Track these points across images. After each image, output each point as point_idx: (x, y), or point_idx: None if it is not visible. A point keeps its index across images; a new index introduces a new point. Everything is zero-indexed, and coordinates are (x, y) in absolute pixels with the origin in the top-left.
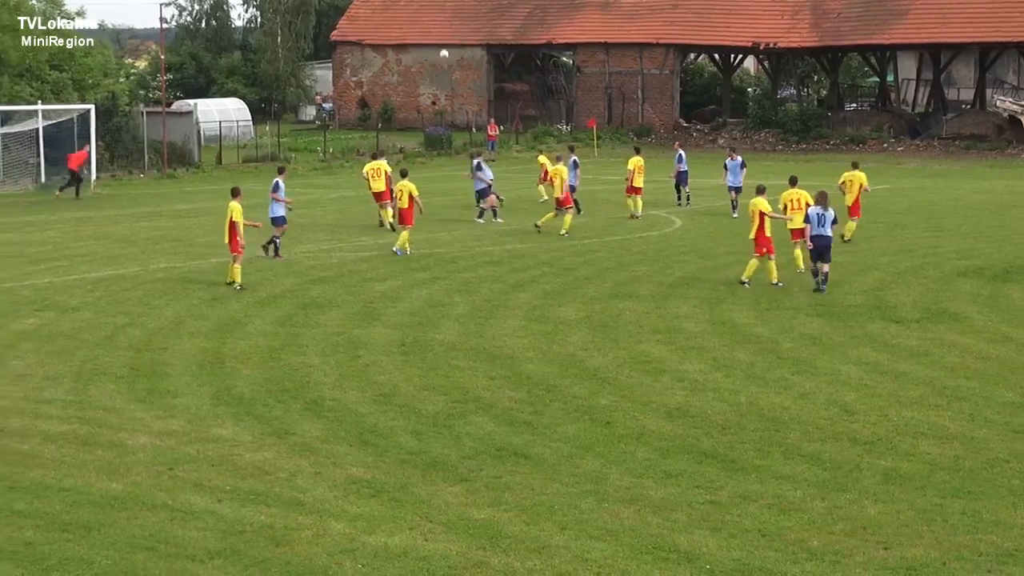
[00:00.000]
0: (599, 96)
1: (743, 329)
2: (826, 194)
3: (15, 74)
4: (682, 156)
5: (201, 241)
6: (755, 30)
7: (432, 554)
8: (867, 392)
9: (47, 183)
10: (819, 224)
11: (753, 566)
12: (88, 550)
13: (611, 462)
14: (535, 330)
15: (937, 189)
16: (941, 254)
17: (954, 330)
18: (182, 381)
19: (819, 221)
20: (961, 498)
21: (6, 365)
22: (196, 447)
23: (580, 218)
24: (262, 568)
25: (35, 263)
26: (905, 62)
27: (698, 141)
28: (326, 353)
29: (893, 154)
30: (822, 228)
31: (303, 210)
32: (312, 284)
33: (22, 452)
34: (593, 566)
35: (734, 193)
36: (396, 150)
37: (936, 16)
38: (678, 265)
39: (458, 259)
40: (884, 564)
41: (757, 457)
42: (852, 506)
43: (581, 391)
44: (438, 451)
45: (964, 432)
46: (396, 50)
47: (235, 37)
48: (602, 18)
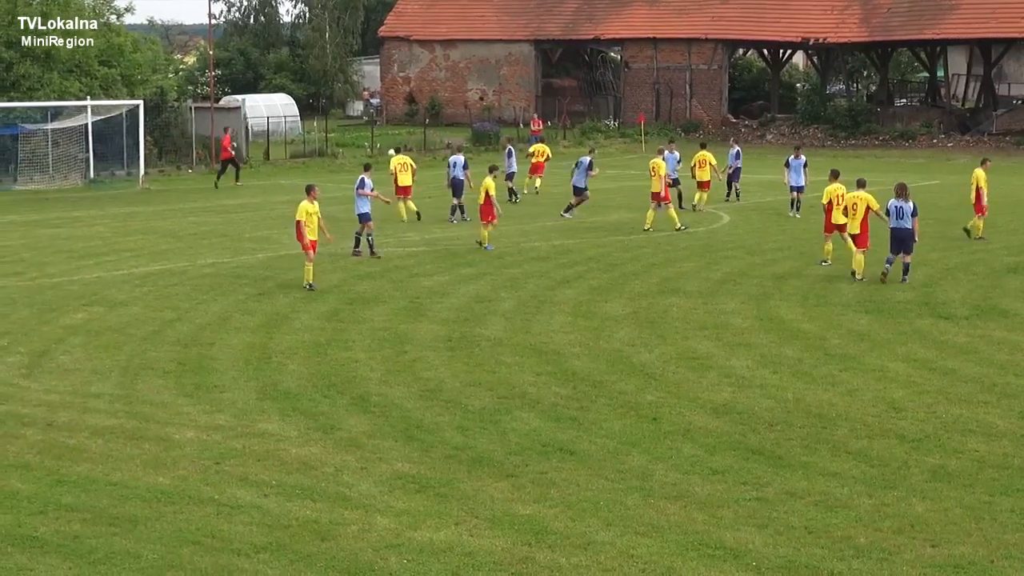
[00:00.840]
0: (647, 92)
1: (790, 325)
2: (905, 185)
3: (65, 70)
4: (739, 152)
5: (248, 236)
6: (804, 25)
7: (477, 550)
8: (915, 389)
9: (96, 178)
10: (898, 216)
11: (800, 563)
12: (135, 544)
13: (657, 458)
14: (581, 326)
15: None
16: (991, 250)
17: (1003, 327)
18: (229, 376)
19: (898, 213)
20: (1010, 496)
21: (55, 359)
22: (242, 442)
23: (627, 214)
24: (307, 562)
25: (84, 258)
26: (955, 57)
27: (746, 137)
28: (372, 348)
29: (943, 150)
30: (901, 220)
31: (350, 205)
32: (359, 279)
33: (70, 446)
34: (639, 562)
35: (796, 193)
36: (444, 145)
37: (986, 10)
38: (725, 261)
39: (504, 255)
40: (932, 562)
41: (804, 454)
42: (899, 503)
43: (627, 387)
44: (484, 447)
45: (1013, 429)
46: (444, 46)
47: (283, 33)
48: (650, 13)
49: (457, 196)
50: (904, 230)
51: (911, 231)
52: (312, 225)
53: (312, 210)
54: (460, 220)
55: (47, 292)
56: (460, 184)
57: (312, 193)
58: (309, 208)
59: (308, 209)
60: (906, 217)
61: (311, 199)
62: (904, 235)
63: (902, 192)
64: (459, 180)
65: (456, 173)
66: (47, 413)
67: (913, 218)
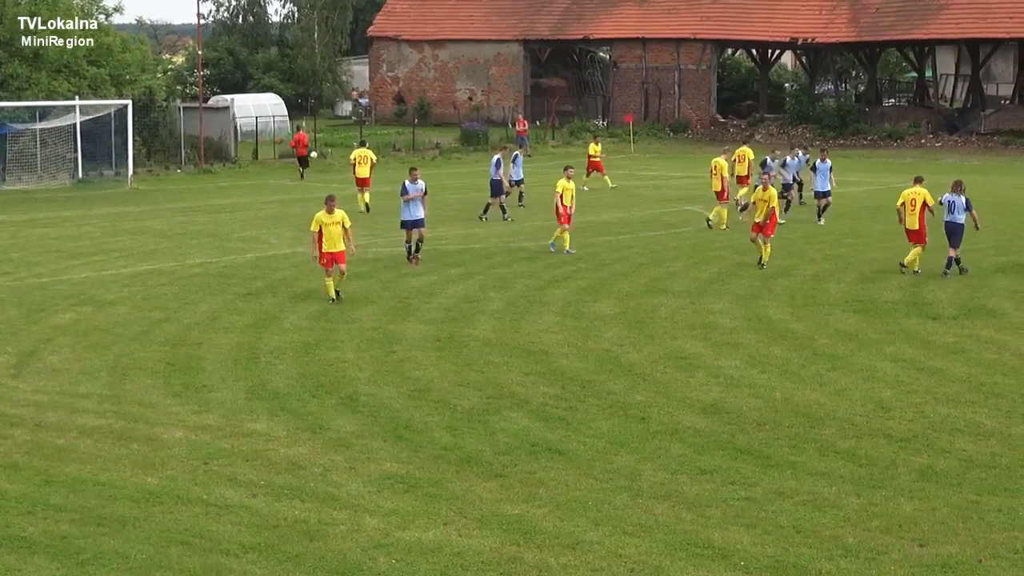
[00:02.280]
0: (635, 91)
1: (779, 325)
2: (961, 182)
3: (53, 70)
4: (802, 161)
5: (237, 236)
6: (793, 25)
7: (466, 549)
8: (903, 389)
9: (84, 178)
10: (950, 211)
11: (787, 563)
12: (123, 544)
13: (645, 458)
14: (570, 326)
15: (975, 185)
16: (979, 250)
17: (991, 326)
18: (217, 376)
19: (951, 208)
20: (997, 495)
21: (43, 359)
22: (231, 442)
23: (617, 213)
24: (296, 563)
25: (72, 258)
26: (943, 57)
27: (734, 137)
28: (361, 348)
29: (931, 150)
30: (953, 215)
31: (346, 207)
32: (347, 280)
33: (58, 446)
34: (627, 562)
35: (822, 199)
36: (432, 145)
37: (975, 11)
38: (714, 261)
39: (493, 255)
40: (919, 561)
41: (792, 454)
42: (887, 503)
43: (616, 387)
44: (472, 447)
45: (1001, 429)
46: (432, 45)
47: (272, 32)
48: (639, 13)
49: (498, 195)
50: (955, 224)
51: (962, 226)
52: (331, 236)
53: (330, 220)
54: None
55: (35, 292)
56: (498, 184)
57: (331, 203)
58: (325, 219)
59: (324, 220)
60: (957, 212)
61: (329, 210)
62: (955, 229)
63: (957, 187)
64: (497, 180)
65: (508, 172)
66: (35, 413)
67: (968, 212)
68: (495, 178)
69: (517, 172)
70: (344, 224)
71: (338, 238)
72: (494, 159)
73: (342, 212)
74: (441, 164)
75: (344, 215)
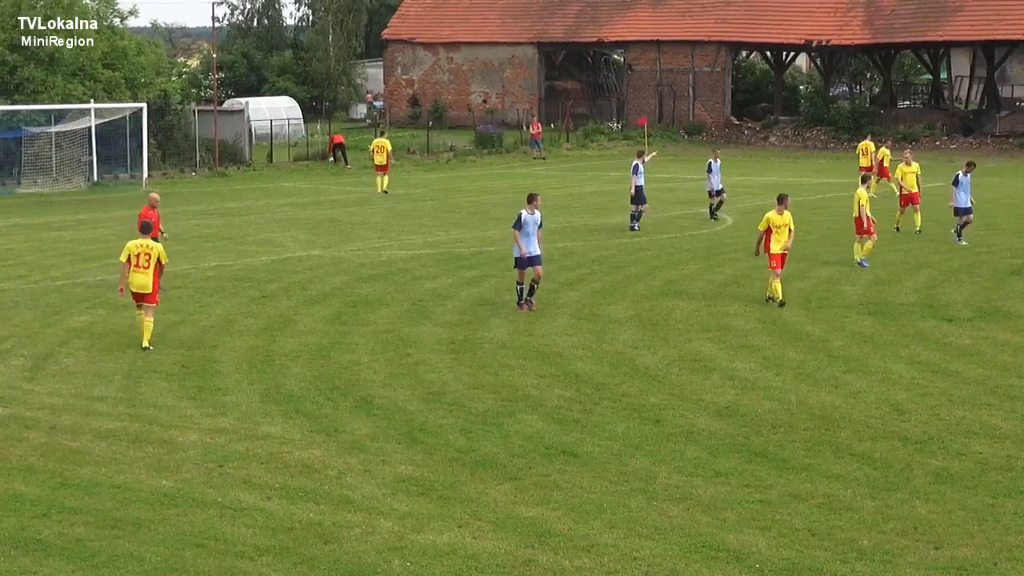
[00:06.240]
0: (650, 94)
1: (793, 327)
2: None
3: (68, 73)
4: None
5: (252, 239)
6: (807, 27)
7: (480, 552)
8: (918, 391)
9: (99, 181)
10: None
11: (803, 565)
12: (138, 547)
13: (660, 461)
14: (584, 328)
15: (990, 187)
16: (994, 252)
17: (1007, 329)
18: (232, 379)
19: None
20: (1013, 498)
21: (58, 362)
22: (246, 444)
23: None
24: (311, 565)
25: (87, 261)
26: (958, 59)
27: (749, 139)
28: (376, 351)
29: (946, 152)
30: None
31: (353, 208)
32: (362, 282)
33: (73, 449)
34: (642, 564)
35: (963, 216)
36: (447, 148)
37: (990, 12)
38: (728, 263)
39: (508, 257)
40: (935, 564)
41: (807, 456)
42: (903, 506)
43: (630, 389)
44: (487, 449)
45: (1016, 431)
46: (447, 48)
47: (286, 35)
48: (653, 15)
49: (638, 203)
50: None
51: None
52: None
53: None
54: None
55: (51, 295)
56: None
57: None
58: None
59: None
60: None
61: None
62: None
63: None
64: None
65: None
66: (51, 416)
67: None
68: (638, 184)
69: None
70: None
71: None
72: (633, 164)
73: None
74: (456, 167)
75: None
